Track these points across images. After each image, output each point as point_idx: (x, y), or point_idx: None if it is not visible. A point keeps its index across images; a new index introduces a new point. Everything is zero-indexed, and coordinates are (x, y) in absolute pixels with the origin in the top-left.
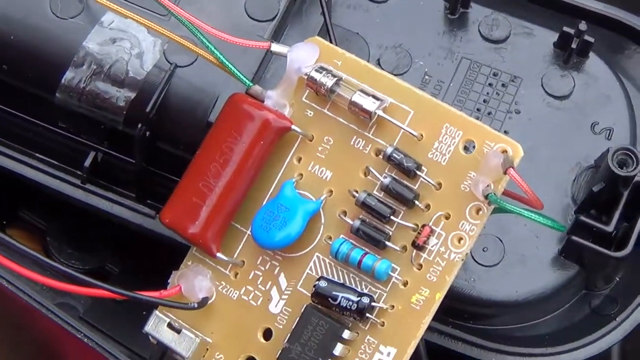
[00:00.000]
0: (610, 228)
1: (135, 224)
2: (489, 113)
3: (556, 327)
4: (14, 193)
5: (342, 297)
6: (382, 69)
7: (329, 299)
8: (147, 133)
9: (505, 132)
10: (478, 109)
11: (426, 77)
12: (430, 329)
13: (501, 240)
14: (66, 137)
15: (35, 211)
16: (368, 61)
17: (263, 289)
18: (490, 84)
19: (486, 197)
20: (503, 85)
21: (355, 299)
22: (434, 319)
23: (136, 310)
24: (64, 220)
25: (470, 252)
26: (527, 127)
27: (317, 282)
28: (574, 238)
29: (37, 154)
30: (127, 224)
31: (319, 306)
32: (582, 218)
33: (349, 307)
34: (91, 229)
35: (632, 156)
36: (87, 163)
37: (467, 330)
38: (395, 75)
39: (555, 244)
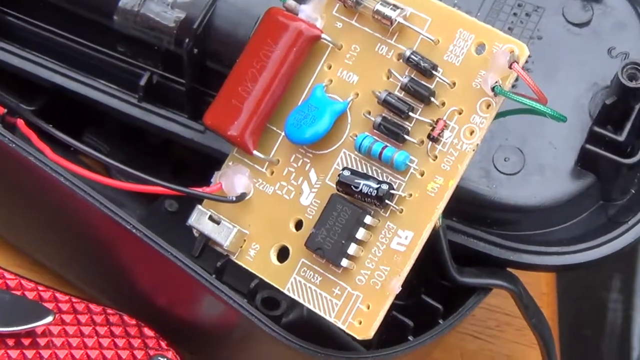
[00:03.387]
0: (621, 137)
1: (186, 138)
2: None
3: (574, 234)
4: (79, 119)
5: (363, 184)
6: None
7: (352, 186)
8: (195, 50)
9: (529, 56)
10: None
11: (455, 7)
12: (454, 229)
13: (521, 151)
14: (124, 62)
15: (98, 136)
16: None
17: (295, 183)
18: (514, 14)
19: (493, 89)
20: (527, 14)
21: (375, 185)
22: (458, 221)
23: (185, 222)
24: (125, 145)
25: (493, 162)
26: (548, 51)
27: (341, 172)
28: (588, 146)
29: (99, 79)
30: (179, 140)
31: (344, 195)
32: (596, 128)
33: (370, 193)
34: (151, 152)
35: None
36: (142, 82)
37: (489, 234)
38: None
39: (572, 155)
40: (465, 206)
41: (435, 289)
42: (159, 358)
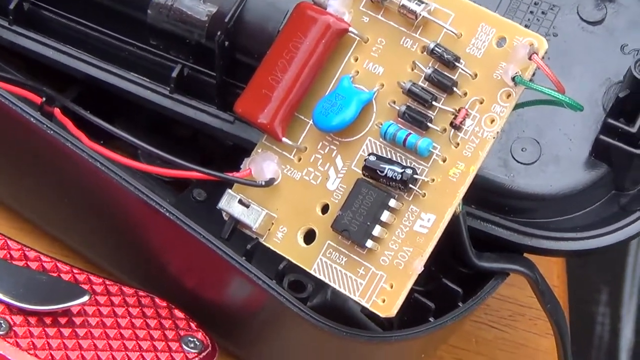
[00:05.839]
0: (633, 129)
1: (216, 128)
2: None
3: (588, 221)
4: (108, 112)
5: (388, 168)
6: None
7: (377, 171)
8: (226, 43)
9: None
10: None
11: None
12: (473, 216)
13: (538, 142)
14: (156, 55)
15: (128, 129)
16: None
17: (322, 169)
18: (531, 12)
19: (513, 79)
20: (543, 12)
21: (400, 170)
22: (477, 208)
23: (213, 211)
24: (154, 136)
25: (511, 152)
26: (563, 48)
27: (367, 157)
28: (602, 137)
29: (132, 72)
30: (209, 129)
31: (369, 179)
32: (609, 120)
33: (394, 177)
34: (180, 145)
35: None
36: (174, 74)
37: (507, 221)
38: None
39: (587, 146)
40: (484, 194)
41: (454, 275)
42: (189, 338)
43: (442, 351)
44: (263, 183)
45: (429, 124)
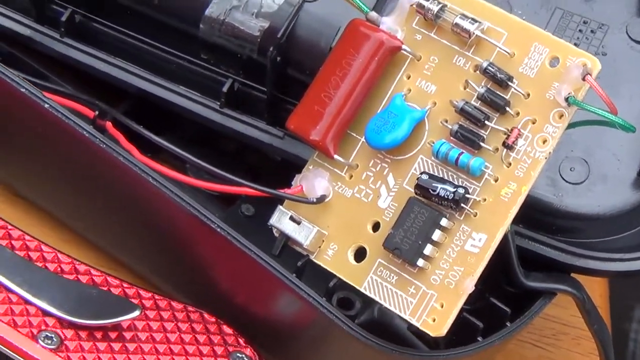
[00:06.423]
0: None
1: (265, 143)
2: None
3: (635, 242)
4: (156, 126)
5: (440, 187)
6: None
7: (430, 190)
8: (278, 58)
9: None
10: None
11: None
12: (521, 235)
13: (586, 162)
14: (207, 69)
15: (175, 143)
16: None
17: (373, 187)
18: (580, 30)
19: (567, 99)
20: (592, 31)
21: (452, 189)
22: (525, 227)
23: (261, 226)
24: (203, 150)
25: (559, 171)
26: (612, 67)
27: (419, 176)
28: None
29: (182, 86)
30: (258, 145)
31: (421, 198)
32: None
33: (446, 196)
34: (227, 159)
35: None
36: (225, 89)
37: (554, 240)
38: None
39: (634, 166)
40: (532, 213)
41: (501, 294)
42: (238, 354)
43: None
44: (314, 200)
45: (481, 143)
